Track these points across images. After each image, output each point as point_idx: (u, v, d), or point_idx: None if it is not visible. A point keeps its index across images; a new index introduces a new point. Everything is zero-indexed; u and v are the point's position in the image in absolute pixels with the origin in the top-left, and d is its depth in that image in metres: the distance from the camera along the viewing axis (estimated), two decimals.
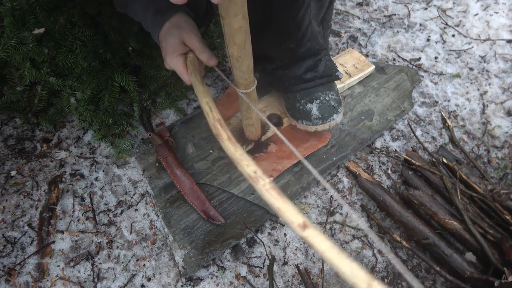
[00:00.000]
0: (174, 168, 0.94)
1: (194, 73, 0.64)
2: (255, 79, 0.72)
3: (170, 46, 0.66)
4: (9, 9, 0.88)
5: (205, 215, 0.89)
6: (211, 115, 0.58)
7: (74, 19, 0.96)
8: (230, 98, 1.10)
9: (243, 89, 0.71)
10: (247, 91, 0.71)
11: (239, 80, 0.68)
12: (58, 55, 0.94)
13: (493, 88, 1.19)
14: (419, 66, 1.25)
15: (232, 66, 0.64)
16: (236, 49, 0.57)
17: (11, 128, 1.08)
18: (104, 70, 0.98)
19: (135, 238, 0.90)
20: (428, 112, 1.14)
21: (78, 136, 1.08)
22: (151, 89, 1.08)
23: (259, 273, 0.86)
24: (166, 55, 0.68)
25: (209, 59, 0.66)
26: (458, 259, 0.80)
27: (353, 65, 1.15)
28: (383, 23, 1.39)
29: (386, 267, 0.86)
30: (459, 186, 0.88)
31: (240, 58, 0.59)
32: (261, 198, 0.92)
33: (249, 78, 0.68)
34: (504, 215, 0.83)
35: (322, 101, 0.90)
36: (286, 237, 0.90)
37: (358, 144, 1.03)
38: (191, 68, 0.65)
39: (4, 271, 0.85)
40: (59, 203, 0.95)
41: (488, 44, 1.31)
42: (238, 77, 0.67)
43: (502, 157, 1.04)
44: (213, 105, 0.59)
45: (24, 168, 1.01)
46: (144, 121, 1.07)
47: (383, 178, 1.00)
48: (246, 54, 0.59)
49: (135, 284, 0.84)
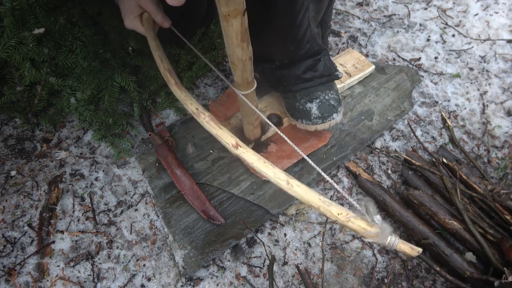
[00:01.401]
0: (174, 168, 0.94)
1: (149, 29, 0.72)
2: (254, 81, 0.72)
3: (127, 9, 0.72)
4: (9, 9, 0.88)
5: (205, 215, 0.89)
6: (162, 65, 0.68)
7: (74, 19, 0.96)
8: (230, 98, 1.10)
9: (242, 90, 0.71)
10: (247, 93, 0.71)
11: (238, 81, 0.68)
12: (58, 55, 0.94)
13: (493, 88, 1.19)
14: (419, 66, 1.25)
15: (232, 67, 0.64)
16: (235, 50, 0.57)
17: (11, 128, 1.08)
18: (104, 70, 0.98)
19: (135, 238, 0.90)
20: (428, 112, 1.14)
21: (78, 136, 1.08)
22: (151, 89, 1.08)
23: (259, 273, 0.86)
24: (124, 17, 0.74)
25: (163, 21, 0.72)
26: (458, 259, 0.80)
27: (353, 65, 1.15)
28: (383, 23, 1.39)
29: (386, 267, 0.86)
30: (459, 186, 0.88)
31: (239, 59, 0.60)
32: (261, 198, 0.92)
33: (249, 79, 0.68)
34: (504, 215, 0.83)
35: (322, 101, 0.90)
36: (286, 237, 0.90)
37: (358, 144, 1.03)
38: (146, 25, 0.73)
39: (4, 271, 0.85)
40: (59, 203, 0.95)
41: (488, 44, 1.31)
42: (238, 78, 0.67)
43: (502, 157, 1.04)
44: (164, 57, 0.70)
45: (24, 168, 1.01)
46: (144, 121, 1.07)
47: (383, 178, 1.00)
48: (245, 55, 0.59)
49: (135, 284, 0.84)
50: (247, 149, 0.54)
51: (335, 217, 0.46)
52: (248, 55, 0.60)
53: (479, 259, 0.82)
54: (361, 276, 0.85)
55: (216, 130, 0.57)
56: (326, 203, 0.46)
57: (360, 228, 0.44)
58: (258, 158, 0.52)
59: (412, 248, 0.44)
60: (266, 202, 0.91)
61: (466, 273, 0.78)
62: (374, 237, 0.43)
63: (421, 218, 0.89)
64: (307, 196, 0.47)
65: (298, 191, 0.48)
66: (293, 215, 0.93)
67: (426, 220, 0.88)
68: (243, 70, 0.64)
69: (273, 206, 0.91)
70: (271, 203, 0.91)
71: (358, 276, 0.85)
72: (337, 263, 0.87)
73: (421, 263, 0.87)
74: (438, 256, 0.83)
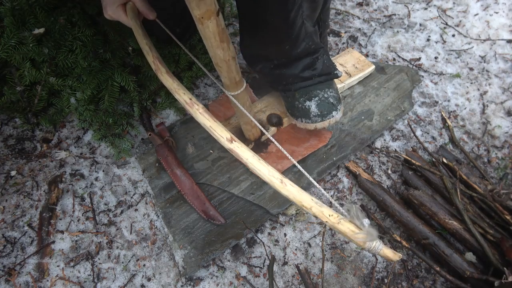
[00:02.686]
0: (174, 168, 0.94)
1: (134, 18, 0.71)
2: (243, 81, 0.71)
3: None
4: (9, 9, 0.88)
5: (205, 215, 0.89)
6: (151, 54, 0.66)
7: (74, 19, 0.96)
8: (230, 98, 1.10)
9: (232, 91, 0.71)
10: (236, 93, 0.71)
11: (226, 82, 0.68)
12: (58, 55, 0.94)
13: (493, 88, 1.19)
14: (419, 66, 1.25)
15: (217, 69, 0.63)
16: (216, 51, 0.57)
17: (11, 128, 1.08)
18: (104, 70, 0.98)
19: (135, 238, 0.90)
20: (428, 112, 1.14)
21: (78, 136, 1.08)
22: (151, 89, 1.08)
23: (259, 273, 0.86)
24: (107, 5, 0.72)
25: (148, 12, 0.72)
26: (458, 259, 0.80)
27: (353, 65, 1.15)
28: (383, 23, 1.39)
29: (386, 267, 0.86)
30: (459, 186, 0.88)
31: (222, 60, 0.59)
32: (261, 198, 0.92)
33: (236, 79, 0.67)
34: (504, 215, 0.83)
35: (321, 99, 0.90)
36: (286, 237, 0.90)
37: (358, 144, 1.03)
38: (130, 14, 0.71)
39: (4, 271, 0.85)
40: (59, 203, 0.95)
41: (488, 44, 1.31)
42: (225, 79, 0.67)
43: (502, 157, 1.04)
44: (151, 45, 0.68)
45: (24, 168, 1.01)
46: (144, 121, 1.07)
47: (383, 178, 1.00)
48: (227, 56, 0.59)
49: (135, 284, 0.84)
50: (241, 144, 0.53)
51: (326, 219, 0.46)
52: (230, 55, 0.59)
53: (479, 259, 0.82)
54: (361, 276, 0.85)
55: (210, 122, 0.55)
56: (318, 204, 0.47)
57: (349, 231, 0.45)
58: (252, 154, 0.51)
59: (394, 253, 0.45)
60: (266, 202, 0.91)
61: (466, 273, 0.78)
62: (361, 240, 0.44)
63: (421, 218, 0.89)
64: (300, 196, 0.47)
65: (291, 190, 0.48)
66: (293, 215, 0.93)
67: (426, 220, 0.88)
68: (228, 71, 0.63)
69: (273, 206, 0.91)
70: (271, 203, 0.91)
71: (358, 276, 0.85)
72: (337, 263, 0.87)
73: (421, 263, 0.87)
74: (438, 256, 0.83)
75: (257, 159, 0.50)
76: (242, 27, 0.85)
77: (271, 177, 0.48)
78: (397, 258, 0.46)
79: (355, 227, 0.45)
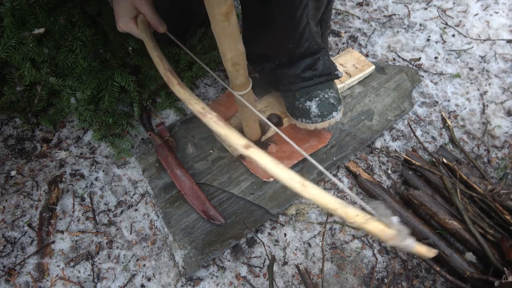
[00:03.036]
0: (174, 168, 0.94)
1: (144, 31, 0.70)
2: (250, 80, 0.71)
3: (122, 10, 0.71)
4: (9, 9, 0.88)
5: (205, 215, 0.89)
6: (162, 65, 0.65)
7: (74, 19, 0.96)
8: (230, 98, 1.10)
9: (239, 91, 0.71)
10: (243, 93, 0.71)
11: (234, 82, 0.68)
12: (58, 55, 0.94)
13: (493, 88, 1.19)
14: (419, 66, 1.25)
15: (226, 68, 0.63)
16: (237, 46, 0.57)
17: (11, 128, 1.08)
18: (104, 70, 0.98)
19: (135, 238, 0.90)
20: (428, 112, 1.14)
21: (78, 136, 1.08)
22: (151, 89, 1.08)
23: (259, 273, 0.86)
24: (119, 18, 0.72)
25: (158, 25, 0.72)
26: (458, 259, 0.80)
27: (353, 65, 1.15)
28: (383, 23, 1.39)
29: (386, 267, 0.86)
30: (459, 186, 0.88)
31: (241, 53, 0.59)
32: (261, 198, 0.92)
33: (244, 79, 0.67)
34: (504, 215, 0.83)
35: (321, 99, 0.90)
36: (286, 237, 0.90)
37: (358, 144, 1.03)
38: (141, 27, 0.71)
39: (4, 271, 0.85)
40: (59, 203, 0.96)
41: (488, 44, 1.31)
42: (233, 79, 0.67)
43: (502, 157, 1.04)
44: (163, 57, 0.67)
45: (24, 168, 1.01)
46: (144, 121, 1.07)
47: (383, 178, 1.00)
48: (238, 55, 0.59)
49: (135, 284, 0.84)
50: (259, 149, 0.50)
51: (353, 219, 0.44)
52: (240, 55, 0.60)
53: (479, 259, 0.82)
54: (361, 276, 0.85)
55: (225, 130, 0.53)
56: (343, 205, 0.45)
57: (378, 230, 0.43)
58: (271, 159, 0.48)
59: (429, 250, 0.44)
60: (266, 202, 0.91)
61: (466, 273, 0.78)
62: (392, 239, 0.42)
63: (421, 218, 0.89)
64: (323, 198, 0.44)
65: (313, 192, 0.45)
66: (293, 215, 0.93)
67: (426, 220, 0.88)
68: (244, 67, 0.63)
69: (273, 206, 0.91)
70: (271, 203, 0.91)
71: (358, 276, 0.85)
72: (337, 263, 0.87)
73: (421, 263, 0.87)
74: (438, 256, 0.83)
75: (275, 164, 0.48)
76: (245, 25, 0.85)
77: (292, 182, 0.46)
78: (432, 255, 0.44)
79: (384, 225, 0.43)
